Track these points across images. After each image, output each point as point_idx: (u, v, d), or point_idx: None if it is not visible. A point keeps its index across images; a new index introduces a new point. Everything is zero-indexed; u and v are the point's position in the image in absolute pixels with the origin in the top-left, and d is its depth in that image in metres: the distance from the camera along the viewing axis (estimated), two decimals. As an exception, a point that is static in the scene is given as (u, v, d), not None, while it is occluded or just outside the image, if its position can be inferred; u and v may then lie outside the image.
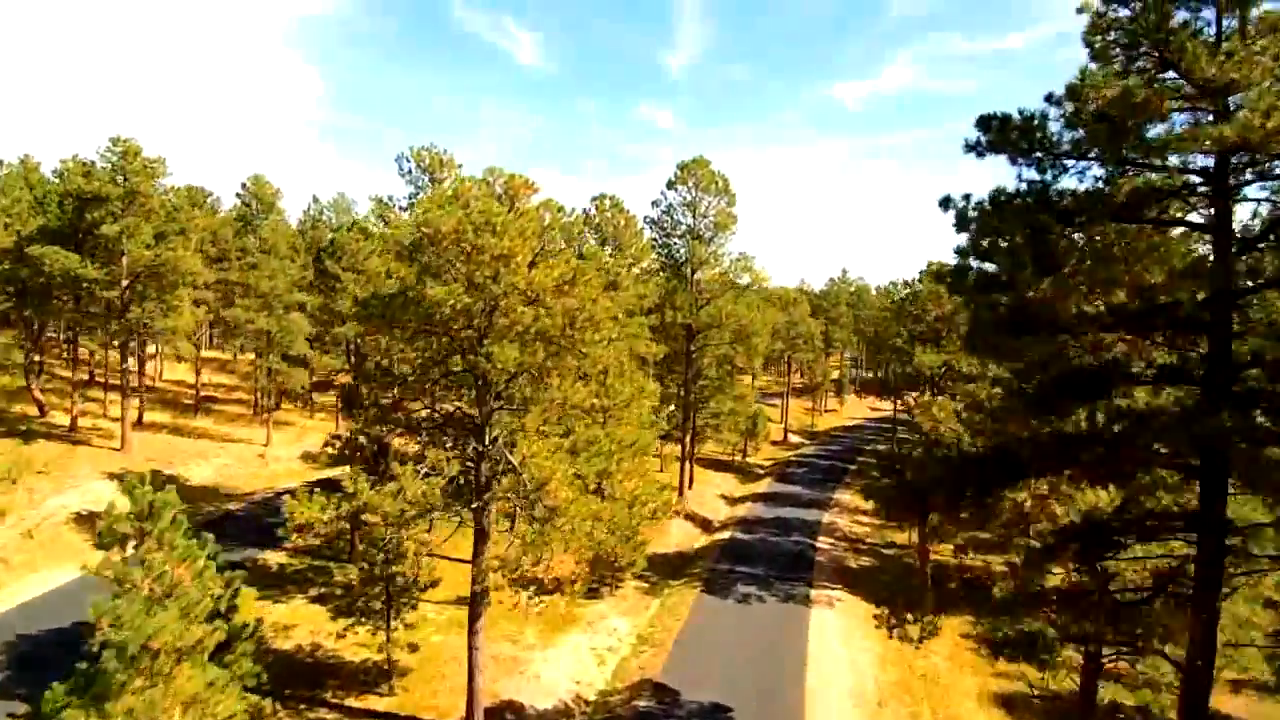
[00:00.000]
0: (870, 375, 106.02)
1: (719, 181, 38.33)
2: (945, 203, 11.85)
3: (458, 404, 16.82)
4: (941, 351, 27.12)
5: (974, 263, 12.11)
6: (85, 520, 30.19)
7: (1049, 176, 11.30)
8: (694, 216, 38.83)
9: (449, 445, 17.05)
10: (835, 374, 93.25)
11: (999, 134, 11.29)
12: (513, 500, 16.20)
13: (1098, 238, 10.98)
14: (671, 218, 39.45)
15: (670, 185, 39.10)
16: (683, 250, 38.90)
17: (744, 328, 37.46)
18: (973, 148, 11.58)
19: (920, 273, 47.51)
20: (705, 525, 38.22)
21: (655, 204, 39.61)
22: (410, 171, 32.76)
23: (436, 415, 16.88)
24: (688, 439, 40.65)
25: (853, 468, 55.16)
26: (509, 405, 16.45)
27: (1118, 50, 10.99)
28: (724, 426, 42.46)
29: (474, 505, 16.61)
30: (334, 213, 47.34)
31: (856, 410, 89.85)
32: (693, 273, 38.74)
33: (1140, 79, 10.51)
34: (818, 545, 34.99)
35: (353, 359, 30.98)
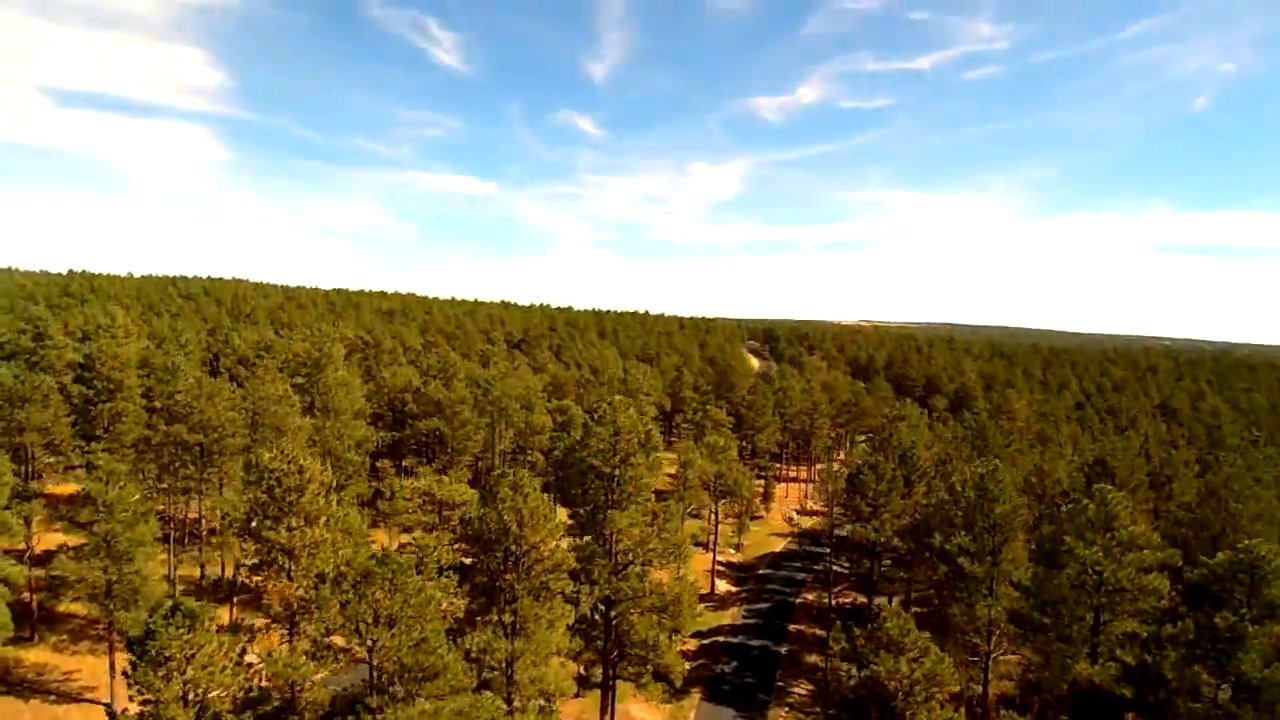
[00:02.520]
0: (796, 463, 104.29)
1: (640, 432, 33.66)
2: None
3: None
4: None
5: None
6: None
7: None
8: (611, 468, 34.02)
9: None
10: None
11: None
12: None
13: None
14: (585, 462, 34.49)
15: (586, 433, 34.17)
16: (601, 504, 34.00)
17: (671, 603, 33.01)
18: None
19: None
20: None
21: (569, 450, 34.62)
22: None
23: None
24: (609, 707, 35.88)
25: (784, 651, 52.16)
26: None
27: None
28: (649, 685, 38.01)
29: None
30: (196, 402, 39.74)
31: (781, 518, 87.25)
32: (611, 534, 33.92)
33: None
34: None
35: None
